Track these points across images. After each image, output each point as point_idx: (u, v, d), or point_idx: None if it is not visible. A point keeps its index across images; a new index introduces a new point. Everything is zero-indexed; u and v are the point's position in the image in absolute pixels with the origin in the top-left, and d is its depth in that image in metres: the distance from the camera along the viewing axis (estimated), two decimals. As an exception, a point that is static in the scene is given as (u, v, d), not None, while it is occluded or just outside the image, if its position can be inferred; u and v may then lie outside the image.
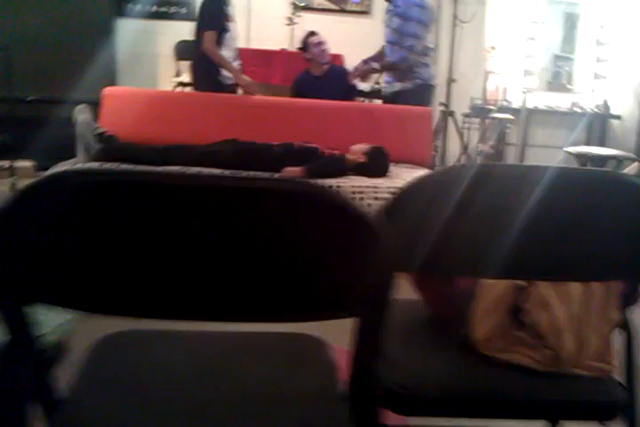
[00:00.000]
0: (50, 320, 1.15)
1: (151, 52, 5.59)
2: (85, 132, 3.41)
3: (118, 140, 3.54)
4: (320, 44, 4.32)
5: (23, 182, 4.32)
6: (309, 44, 4.34)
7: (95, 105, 4.83)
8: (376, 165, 3.63)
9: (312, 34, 4.40)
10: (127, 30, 5.32)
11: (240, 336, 1.26)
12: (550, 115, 5.68)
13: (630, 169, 4.40)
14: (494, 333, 1.16)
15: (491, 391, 1.11)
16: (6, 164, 4.39)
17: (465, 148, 5.08)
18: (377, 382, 1.01)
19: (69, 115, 4.75)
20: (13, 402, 0.97)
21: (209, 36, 3.86)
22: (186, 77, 4.85)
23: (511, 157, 5.59)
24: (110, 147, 3.46)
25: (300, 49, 4.44)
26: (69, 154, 4.59)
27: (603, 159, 4.29)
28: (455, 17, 5.00)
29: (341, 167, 3.56)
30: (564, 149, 4.48)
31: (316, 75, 4.38)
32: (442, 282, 1.26)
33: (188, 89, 4.86)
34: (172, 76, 5.16)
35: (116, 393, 1.09)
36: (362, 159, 3.57)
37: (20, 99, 4.52)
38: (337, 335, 1.19)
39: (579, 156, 4.25)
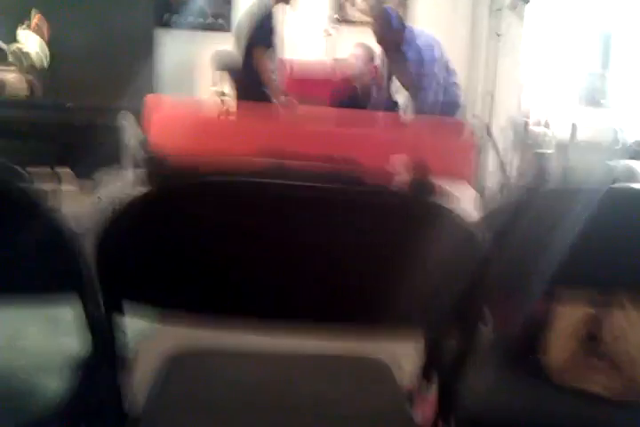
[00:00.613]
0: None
1: (192, 62, 5.65)
2: (132, 140, 3.46)
3: (165, 158, 3.58)
4: (363, 59, 4.35)
5: (65, 188, 4.41)
6: (355, 56, 4.37)
7: (136, 113, 4.94)
8: (423, 181, 3.61)
9: (361, 47, 4.43)
10: (167, 41, 5.38)
11: (311, 359, 1.26)
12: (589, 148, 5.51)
13: None
14: (568, 360, 1.15)
15: (566, 421, 1.10)
16: (49, 170, 4.46)
17: (502, 163, 5.04)
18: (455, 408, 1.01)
19: (111, 123, 4.87)
20: (93, 411, 0.99)
21: (259, 52, 3.93)
22: (224, 87, 4.88)
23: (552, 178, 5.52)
24: (157, 158, 3.51)
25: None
26: (109, 161, 4.67)
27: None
28: (492, 31, 4.99)
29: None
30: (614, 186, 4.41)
31: (359, 87, 4.41)
32: (517, 303, 1.26)
33: (226, 98, 4.90)
34: (211, 86, 5.20)
35: (188, 413, 1.10)
36: (403, 177, 3.57)
37: (62, 106, 4.60)
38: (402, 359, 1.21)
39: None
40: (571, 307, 1.18)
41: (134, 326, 1.01)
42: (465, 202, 3.39)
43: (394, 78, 4.34)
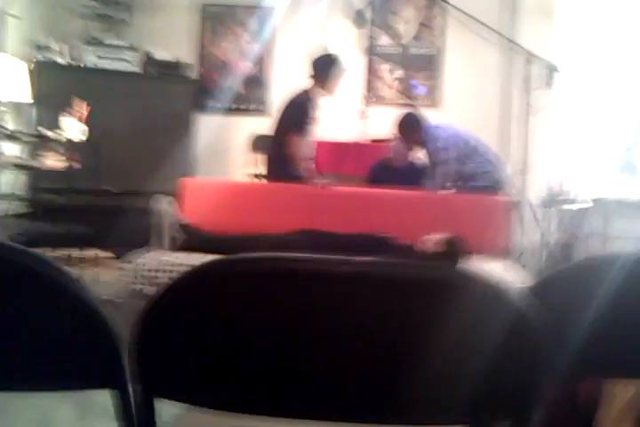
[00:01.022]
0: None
1: (226, 144, 5.83)
2: (169, 222, 3.51)
3: (201, 230, 3.64)
4: (398, 146, 4.46)
5: (105, 272, 4.47)
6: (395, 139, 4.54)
7: (172, 194, 5.05)
8: (453, 254, 3.57)
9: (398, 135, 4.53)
10: (205, 125, 5.58)
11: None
12: (626, 205, 5.47)
13: None
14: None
15: None
16: (91, 253, 4.54)
17: (542, 238, 4.97)
18: None
19: (148, 205, 4.97)
20: None
21: (295, 140, 3.97)
22: (261, 169, 4.99)
23: (582, 248, 5.40)
24: (194, 237, 3.57)
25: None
26: (145, 243, 4.74)
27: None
28: (528, 105, 5.05)
29: (412, 258, 3.52)
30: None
31: (395, 166, 4.47)
32: (566, 384, 1.17)
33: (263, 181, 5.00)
34: (245, 168, 5.32)
35: None
36: (438, 248, 3.52)
37: (104, 190, 4.74)
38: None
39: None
40: (623, 385, 1.09)
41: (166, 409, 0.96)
42: (504, 277, 3.32)
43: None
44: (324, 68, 4.13)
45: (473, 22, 5.19)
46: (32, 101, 4.67)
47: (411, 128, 4.30)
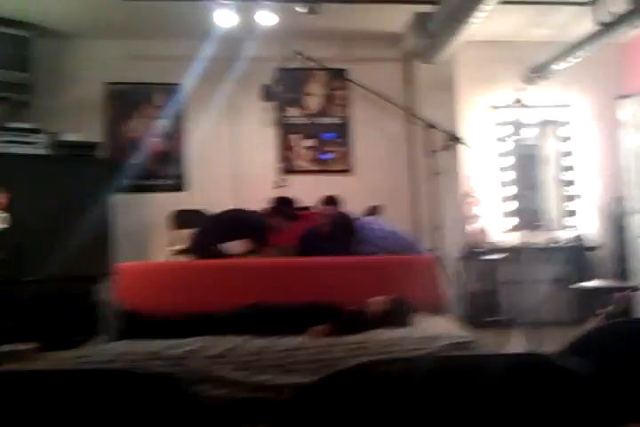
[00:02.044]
0: None
1: (145, 222, 5.70)
2: (108, 311, 3.36)
3: (141, 316, 3.50)
4: (328, 209, 4.62)
5: (34, 365, 4.13)
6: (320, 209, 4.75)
7: (94, 280, 4.83)
8: (397, 313, 3.67)
9: (326, 202, 4.78)
10: (121, 203, 5.43)
11: None
12: (531, 252, 5.88)
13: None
14: None
15: None
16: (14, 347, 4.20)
17: (456, 290, 5.20)
18: None
19: (70, 292, 4.72)
20: None
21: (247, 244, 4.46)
22: (183, 245, 4.92)
23: (506, 295, 5.71)
24: (135, 324, 3.41)
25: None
26: (75, 333, 4.47)
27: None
28: (430, 169, 5.37)
29: (365, 322, 3.57)
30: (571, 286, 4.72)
31: (324, 233, 4.57)
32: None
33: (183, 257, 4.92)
34: (168, 245, 5.22)
35: None
36: (386, 307, 3.62)
37: (22, 280, 4.47)
38: None
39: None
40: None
41: None
42: (452, 330, 3.44)
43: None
44: (279, 207, 4.68)
45: (372, 93, 5.50)
46: None
47: (344, 229, 4.57)
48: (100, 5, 5.09)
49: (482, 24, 4.86)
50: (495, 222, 6.13)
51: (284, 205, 4.69)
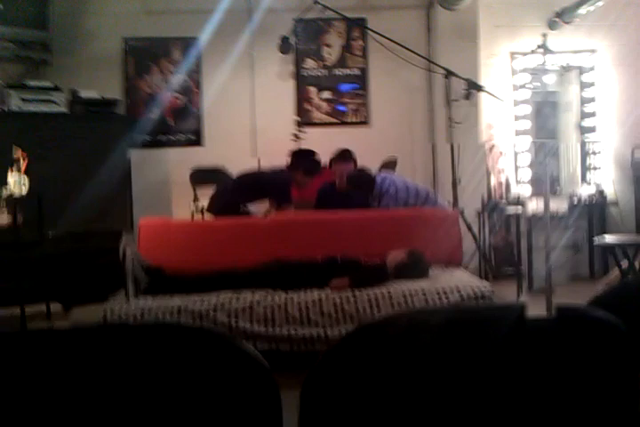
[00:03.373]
0: None
1: (163, 178, 5.77)
2: (134, 264, 3.44)
3: (164, 272, 3.59)
4: (344, 167, 4.59)
5: (59, 325, 4.29)
6: (333, 166, 4.70)
7: (117, 235, 4.93)
8: (417, 264, 3.73)
9: (340, 158, 4.70)
10: (139, 159, 5.50)
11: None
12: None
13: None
14: None
15: None
16: (42, 307, 4.35)
17: (477, 243, 5.21)
18: None
19: (93, 249, 4.84)
20: None
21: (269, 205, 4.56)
22: (204, 202, 4.97)
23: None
24: (159, 279, 3.51)
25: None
26: (99, 288, 4.60)
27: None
28: (450, 119, 5.31)
29: (384, 274, 3.64)
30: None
31: (340, 189, 4.57)
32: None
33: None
34: (190, 202, 5.29)
35: None
36: (403, 260, 3.68)
37: (44, 237, 4.57)
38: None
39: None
40: None
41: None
42: (472, 282, 3.50)
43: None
44: (298, 161, 4.62)
45: (393, 44, 5.40)
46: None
47: (363, 185, 4.51)
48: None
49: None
50: (514, 175, 6.08)
51: (303, 159, 4.66)
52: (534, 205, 5.27)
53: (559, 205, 5.74)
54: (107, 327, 1.66)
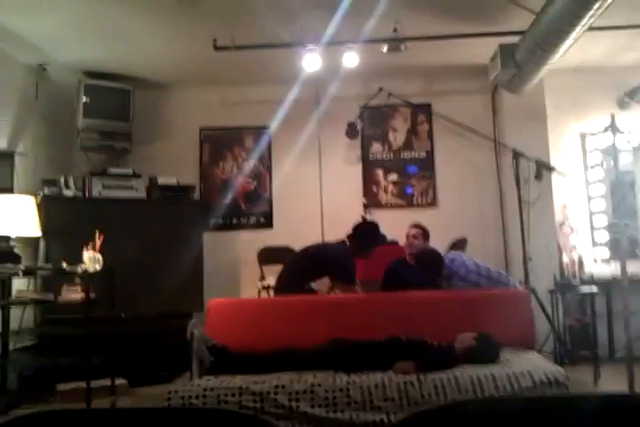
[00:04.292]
0: None
1: (232, 259, 5.90)
2: (200, 345, 3.46)
3: (229, 351, 3.59)
4: (414, 236, 4.59)
5: (122, 400, 4.32)
6: (408, 233, 4.71)
7: (187, 316, 5.01)
8: (487, 349, 3.57)
9: (413, 225, 4.74)
10: (210, 242, 5.67)
11: None
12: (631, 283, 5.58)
13: None
14: None
15: None
16: (107, 382, 4.41)
17: (551, 324, 4.97)
18: None
19: (159, 329, 4.92)
20: None
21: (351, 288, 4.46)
22: (270, 281, 5.01)
23: (602, 329, 5.41)
24: (223, 359, 3.51)
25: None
26: (167, 368, 4.63)
27: None
28: (520, 199, 5.24)
29: (453, 358, 3.49)
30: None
31: (411, 262, 4.54)
32: None
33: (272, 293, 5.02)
34: (256, 281, 5.35)
35: None
36: (473, 343, 3.53)
37: (117, 317, 4.69)
38: None
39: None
40: None
41: None
42: (547, 367, 3.30)
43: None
44: (361, 237, 4.57)
45: (458, 127, 5.49)
46: (41, 235, 4.73)
47: (431, 262, 4.44)
48: (194, 56, 5.40)
49: (570, 51, 4.75)
50: (590, 253, 5.88)
51: (361, 234, 4.60)
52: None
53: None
54: (162, 410, 1.67)
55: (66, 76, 5.50)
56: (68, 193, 5.11)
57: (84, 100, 5.40)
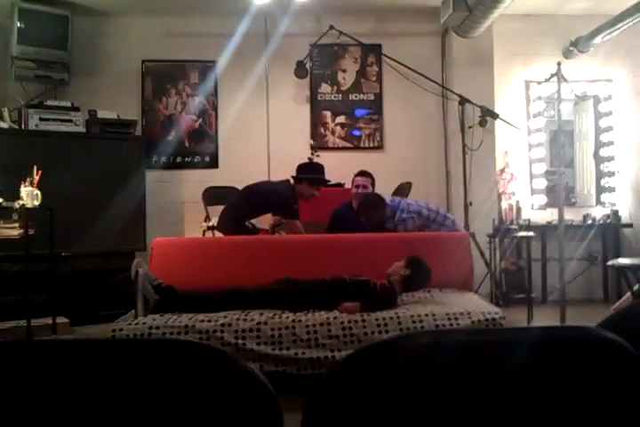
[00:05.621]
0: None
1: (176, 199, 5.82)
2: (145, 284, 3.44)
3: (175, 290, 3.58)
4: (364, 187, 4.60)
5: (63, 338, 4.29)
6: (353, 181, 4.71)
7: (129, 255, 4.95)
8: (420, 273, 3.68)
9: (360, 173, 4.73)
10: (152, 180, 5.55)
11: None
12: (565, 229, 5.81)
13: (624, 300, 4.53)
14: None
15: None
16: (48, 321, 4.36)
17: (488, 267, 5.17)
18: None
19: (101, 267, 4.87)
20: None
21: (295, 223, 4.53)
22: (215, 221, 4.98)
23: (535, 272, 5.66)
24: (169, 297, 3.50)
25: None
26: (101, 308, 4.60)
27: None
28: (464, 145, 5.32)
29: (393, 298, 3.60)
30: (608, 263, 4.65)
31: (355, 212, 4.57)
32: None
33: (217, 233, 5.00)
34: (201, 221, 5.30)
35: None
36: (405, 272, 3.63)
37: (57, 255, 4.59)
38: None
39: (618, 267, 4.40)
40: None
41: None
42: (482, 306, 3.45)
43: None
44: (302, 173, 4.59)
45: (407, 70, 5.44)
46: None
47: (374, 207, 4.45)
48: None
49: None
50: (528, 199, 6.07)
51: (311, 171, 4.63)
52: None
53: (574, 217, 5.73)
54: (112, 342, 1.65)
55: (-3, -1, 5.14)
56: (3, 125, 4.86)
57: (19, 26, 5.07)
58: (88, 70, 5.66)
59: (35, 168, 4.10)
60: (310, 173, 4.59)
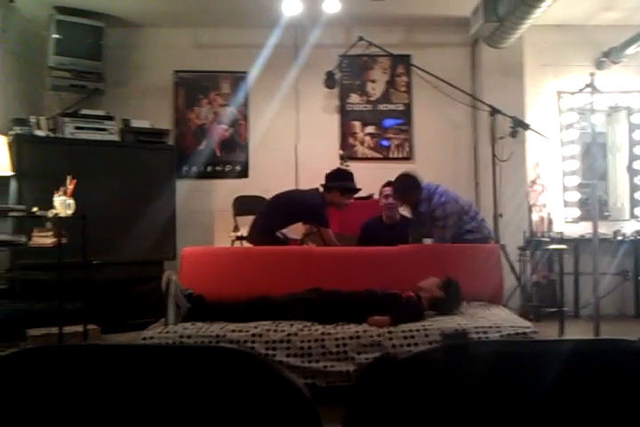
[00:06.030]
0: None
1: (206, 208, 5.87)
2: (177, 292, 3.47)
3: (205, 299, 3.61)
4: (388, 197, 4.58)
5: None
6: (381, 192, 4.69)
7: (159, 264, 5.00)
8: (454, 298, 3.66)
9: (388, 184, 4.69)
10: (183, 189, 5.61)
11: None
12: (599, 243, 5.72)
13: None
14: None
15: None
16: (79, 328, 4.41)
17: (518, 280, 5.12)
18: None
19: (131, 276, 4.91)
20: None
21: (328, 233, 4.49)
22: (244, 231, 5.01)
23: (567, 286, 5.59)
24: (200, 306, 3.53)
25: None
26: (133, 316, 4.64)
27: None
28: (494, 156, 5.29)
29: (421, 311, 3.59)
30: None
31: (387, 223, 4.56)
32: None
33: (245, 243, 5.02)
34: (230, 231, 5.34)
35: None
36: (439, 294, 3.61)
37: (89, 263, 4.65)
38: None
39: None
40: None
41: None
42: (512, 320, 3.42)
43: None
44: (332, 182, 4.51)
45: (437, 80, 5.44)
46: (12, 174, 4.63)
47: (410, 188, 4.39)
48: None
49: (551, 7, 4.72)
50: (561, 212, 6.00)
51: (340, 178, 4.54)
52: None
53: (607, 231, 5.64)
54: (147, 347, 1.67)
55: (35, 11, 5.25)
56: (40, 133, 4.96)
57: (56, 37, 5.18)
58: (121, 80, 5.77)
59: (69, 177, 4.17)
60: (340, 180, 4.51)
